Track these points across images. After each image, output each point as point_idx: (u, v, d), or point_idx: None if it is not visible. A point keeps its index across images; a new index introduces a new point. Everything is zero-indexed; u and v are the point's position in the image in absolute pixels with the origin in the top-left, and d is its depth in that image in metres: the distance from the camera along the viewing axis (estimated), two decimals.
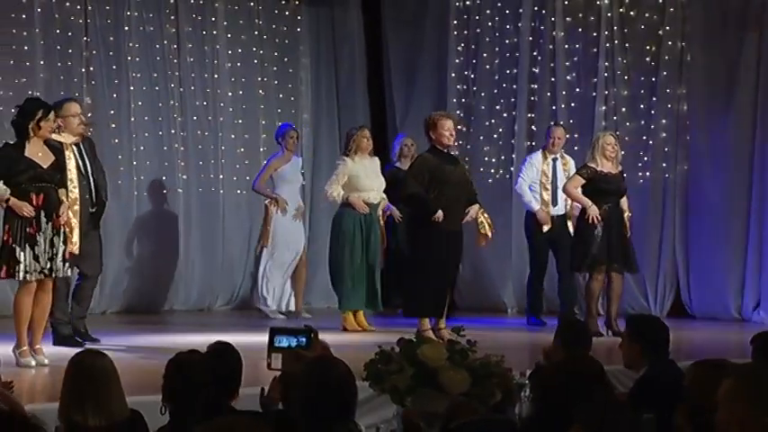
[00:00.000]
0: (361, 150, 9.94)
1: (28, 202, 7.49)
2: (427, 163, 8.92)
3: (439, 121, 8.90)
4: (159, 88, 11.67)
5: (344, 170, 9.87)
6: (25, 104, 7.82)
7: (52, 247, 7.54)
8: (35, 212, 7.49)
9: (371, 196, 9.92)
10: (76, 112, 8.62)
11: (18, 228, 7.47)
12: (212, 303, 11.92)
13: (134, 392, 5.01)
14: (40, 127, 7.61)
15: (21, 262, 7.44)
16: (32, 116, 7.61)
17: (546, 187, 10.44)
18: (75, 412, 4.28)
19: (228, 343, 4.94)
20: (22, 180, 7.55)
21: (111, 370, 4.45)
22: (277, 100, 12.36)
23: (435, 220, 8.71)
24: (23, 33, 10.93)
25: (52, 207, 7.58)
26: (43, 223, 7.53)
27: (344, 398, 3.89)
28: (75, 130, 8.56)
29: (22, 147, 7.62)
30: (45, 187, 7.59)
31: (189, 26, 11.82)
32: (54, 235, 7.55)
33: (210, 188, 11.94)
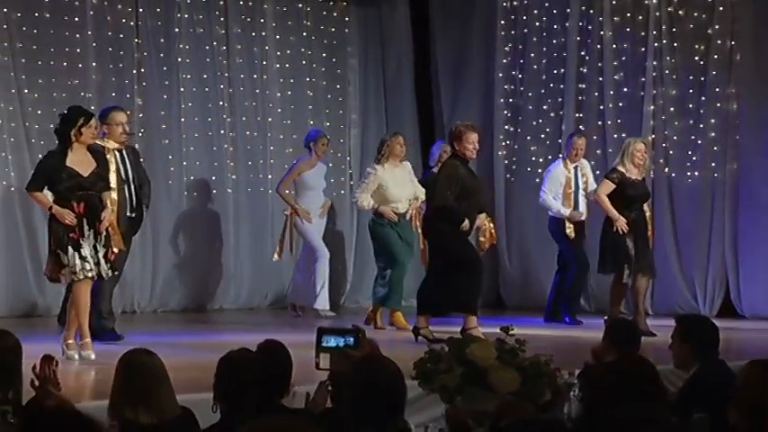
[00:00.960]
0: (393, 157, 9.95)
1: (69, 209, 7.64)
2: (458, 172, 8.93)
3: (464, 134, 8.89)
4: (209, 89, 11.76)
5: (374, 179, 9.92)
6: (67, 112, 7.94)
7: (96, 252, 7.67)
8: (77, 220, 7.63)
9: (400, 206, 9.97)
10: (121, 121, 8.77)
11: (62, 234, 7.63)
12: (261, 302, 11.99)
13: (185, 390, 5.06)
14: (81, 133, 7.74)
15: (66, 265, 7.59)
16: (74, 123, 7.74)
17: (569, 195, 10.46)
18: (127, 410, 4.33)
19: (279, 341, 4.97)
20: (63, 189, 7.70)
21: (161, 368, 4.50)
22: (325, 100, 12.41)
23: (463, 229, 8.80)
24: (76, 35, 11.08)
25: (94, 213, 7.73)
26: (86, 230, 7.67)
27: (394, 397, 3.91)
28: (117, 138, 8.74)
29: (63, 155, 7.75)
30: (86, 195, 7.73)
31: (238, 27, 11.90)
32: (96, 240, 7.68)
33: (259, 188, 12.01)
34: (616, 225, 9.61)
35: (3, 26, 10.74)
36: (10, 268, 10.75)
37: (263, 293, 12.00)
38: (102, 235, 7.73)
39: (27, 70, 10.85)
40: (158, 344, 8.09)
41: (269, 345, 4.93)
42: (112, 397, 4.42)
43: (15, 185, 10.76)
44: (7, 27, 10.77)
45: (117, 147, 8.73)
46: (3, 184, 10.79)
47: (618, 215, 9.62)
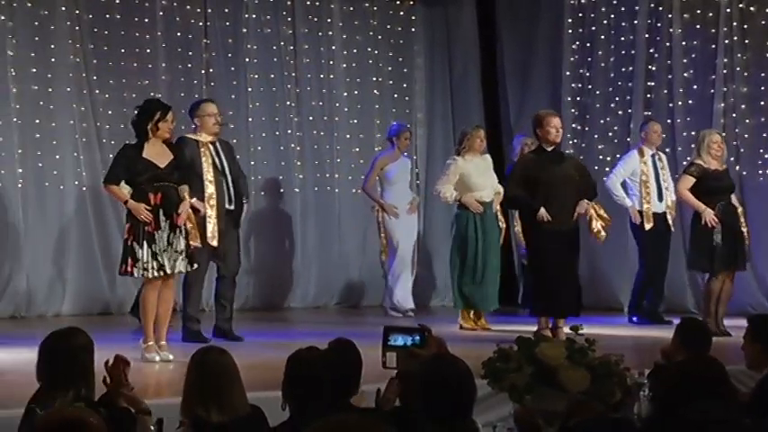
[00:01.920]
0: (473, 150, 9.92)
1: (146, 202, 7.67)
2: (526, 164, 8.87)
3: (545, 118, 8.85)
4: (276, 89, 11.83)
5: (455, 169, 9.85)
6: (144, 105, 7.99)
7: (170, 245, 7.70)
8: (154, 211, 7.66)
9: (485, 194, 9.88)
10: (212, 111, 8.78)
11: (138, 226, 7.65)
12: (329, 301, 12.03)
13: (255, 389, 5.09)
14: (158, 127, 7.77)
15: (139, 260, 7.62)
16: (151, 117, 7.78)
17: (647, 185, 10.29)
18: (199, 408, 4.36)
19: (348, 340, 4.96)
20: (140, 180, 7.73)
21: (233, 366, 4.52)
22: (392, 100, 12.42)
23: (540, 218, 8.66)
24: (146, 36, 11.20)
25: (171, 205, 7.73)
26: (162, 221, 7.69)
27: (464, 396, 3.90)
28: (210, 130, 8.74)
29: (140, 147, 7.80)
30: (163, 186, 7.74)
31: (305, 28, 11.95)
32: (171, 232, 7.71)
33: (326, 187, 12.05)
34: (704, 217, 9.42)
35: (75, 27, 10.90)
36: (83, 267, 10.89)
37: (330, 292, 12.04)
38: (180, 228, 7.75)
39: (98, 71, 11.00)
40: (228, 342, 8.26)
41: (338, 343, 4.93)
42: (185, 395, 4.44)
43: (87, 185, 10.91)
44: (79, 28, 10.92)
45: (210, 140, 8.75)
46: (75, 183, 10.93)
47: (704, 207, 9.44)
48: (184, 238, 7.77)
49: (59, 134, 10.86)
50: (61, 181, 10.89)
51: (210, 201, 8.60)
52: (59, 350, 4.64)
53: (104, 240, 10.97)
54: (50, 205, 10.85)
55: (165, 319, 7.83)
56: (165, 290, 7.77)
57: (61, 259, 10.86)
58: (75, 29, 10.91)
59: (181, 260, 7.74)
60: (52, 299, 10.79)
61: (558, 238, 8.69)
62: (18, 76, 10.68)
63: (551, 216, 8.63)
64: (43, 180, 10.82)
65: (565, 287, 8.75)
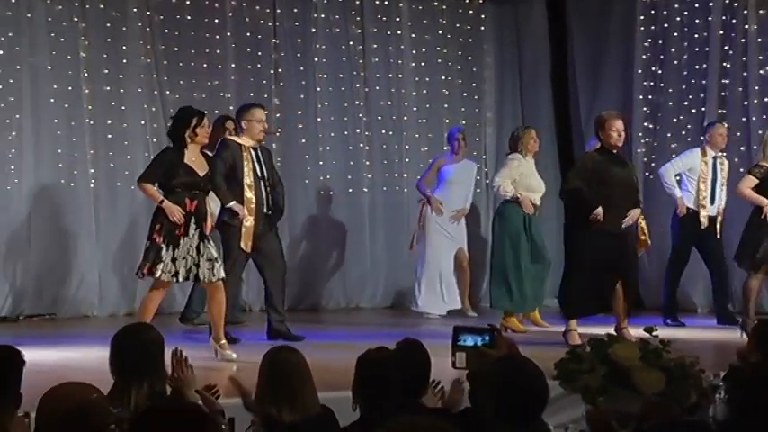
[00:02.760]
0: (529, 151, 9.82)
1: (182, 207, 7.73)
2: (591, 161, 8.75)
3: (608, 121, 8.71)
4: (345, 89, 11.83)
5: (518, 165, 9.73)
6: (178, 113, 8.02)
7: (198, 253, 7.73)
8: (186, 217, 7.71)
9: (537, 198, 9.82)
10: (261, 118, 8.76)
11: (167, 228, 7.70)
12: (398, 301, 11.99)
13: (325, 389, 5.07)
14: (196, 134, 7.82)
15: (162, 261, 7.66)
16: (188, 124, 7.83)
17: (703, 184, 10.15)
18: (271, 407, 4.36)
19: (416, 340, 4.94)
20: (177, 185, 7.78)
21: (304, 366, 4.52)
22: (460, 99, 12.36)
23: (595, 217, 8.52)
24: (216, 37, 11.26)
25: (202, 215, 7.82)
26: (191, 229, 7.74)
27: (535, 397, 3.84)
28: (255, 135, 8.73)
29: (181, 153, 7.85)
30: (198, 195, 7.83)
31: (374, 27, 11.94)
32: (200, 241, 7.74)
33: (395, 187, 12.03)
34: (765, 210, 9.35)
35: (146, 29, 10.98)
36: None
37: (399, 292, 11.99)
38: (209, 237, 7.83)
39: (168, 72, 11.07)
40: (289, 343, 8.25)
41: (407, 343, 4.91)
42: (257, 394, 4.45)
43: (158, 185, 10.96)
44: (150, 29, 11.00)
45: (253, 145, 8.78)
46: None
47: (766, 201, 9.36)
48: (213, 250, 7.83)
49: (131, 135, 10.94)
50: (132, 181, 10.92)
51: (250, 205, 8.60)
52: (132, 344, 4.68)
53: None
54: (121, 205, 10.94)
55: (220, 319, 7.88)
56: (217, 292, 7.82)
57: (132, 259, 10.91)
58: (147, 30, 10.99)
59: (217, 268, 7.78)
60: (123, 298, 10.88)
61: (604, 239, 8.53)
62: (90, 78, 10.78)
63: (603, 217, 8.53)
64: (115, 180, 10.91)
65: (600, 287, 8.61)
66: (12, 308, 10.46)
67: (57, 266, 10.65)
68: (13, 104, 10.49)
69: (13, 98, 10.49)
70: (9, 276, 10.46)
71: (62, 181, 10.72)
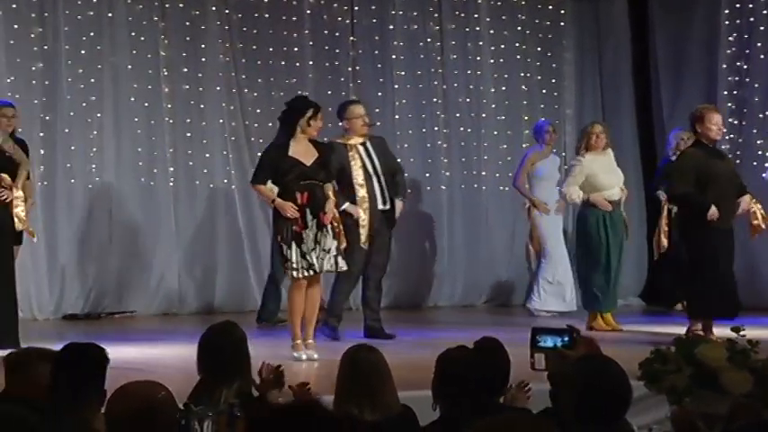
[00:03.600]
0: (593, 148, 9.65)
1: (293, 201, 7.64)
2: (692, 160, 8.54)
3: (706, 115, 8.53)
4: (423, 86, 11.77)
5: (581, 170, 9.56)
6: (295, 102, 7.99)
7: (318, 244, 7.66)
8: (301, 210, 7.63)
9: (613, 193, 9.63)
10: (360, 113, 8.77)
11: (285, 227, 7.64)
12: (476, 300, 11.91)
13: (404, 388, 5.02)
14: (310, 125, 7.76)
15: (289, 260, 7.60)
16: (303, 113, 7.77)
17: None
18: (351, 406, 4.33)
19: (496, 339, 4.88)
20: (287, 179, 7.72)
21: (384, 365, 4.49)
22: (540, 96, 12.23)
23: (711, 217, 8.33)
24: (293, 35, 11.27)
25: (317, 204, 7.70)
26: (309, 220, 7.66)
27: (619, 397, 3.77)
28: (359, 131, 8.73)
29: (285, 146, 7.79)
30: (309, 185, 7.71)
31: (452, 24, 11.86)
32: (318, 231, 7.67)
33: (473, 185, 11.94)
34: None
35: (225, 27, 11.03)
36: (232, 265, 11.01)
37: (477, 291, 11.91)
38: (327, 227, 7.72)
39: (247, 70, 11.11)
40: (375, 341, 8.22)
41: (486, 342, 4.85)
42: (337, 393, 4.42)
43: (236, 184, 11.03)
44: (228, 28, 11.05)
45: (360, 141, 8.74)
46: (224, 182, 11.06)
47: None
48: (333, 237, 7.73)
49: (209, 133, 11.00)
50: (211, 179, 11.04)
51: (363, 204, 8.60)
52: (222, 343, 4.69)
53: (252, 238, 11.07)
54: (200, 203, 11.00)
55: (312, 317, 7.82)
56: (311, 289, 7.76)
57: (211, 257, 11.00)
58: (225, 28, 11.04)
59: (329, 259, 7.70)
60: (203, 296, 10.93)
61: (720, 237, 8.40)
62: (170, 76, 10.86)
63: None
64: (194, 178, 10.97)
65: (726, 287, 8.45)
66: (93, 305, 10.56)
67: (137, 264, 10.74)
68: (94, 103, 10.60)
69: (94, 97, 10.60)
70: (91, 274, 10.57)
71: (142, 179, 10.80)
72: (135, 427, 3.29)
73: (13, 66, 10.26)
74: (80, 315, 10.32)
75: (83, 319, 10.26)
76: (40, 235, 9.81)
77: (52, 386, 4.04)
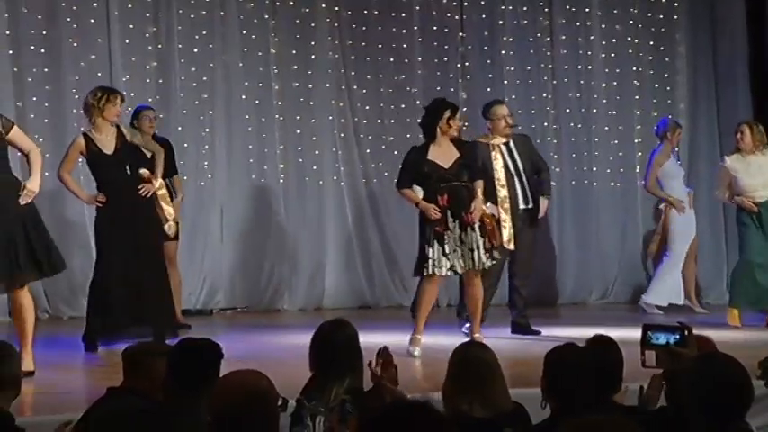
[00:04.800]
0: (741, 149, 9.46)
1: (435, 203, 7.66)
2: None
3: None
4: (532, 81, 11.68)
5: (723, 173, 9.53)
6: (432, 105, 7.96)
7: (463, 244, 7.66)
8: (442, 212, 7.65)
9: (757, 195, 9.44)
10: (503, 114, 8.76)
11: (428, 228, 7.67)
12: (586, 297, 11.79)
13: (515, 385, 4.99)
14: (449, 126, 7.75)
15: (429, 258, 7.61)
16: (440, 116, 7.77)
17: None
18: (461, 402, 4.31)
19: (608, 336, 4.82)
20: (427, 182, 7.74)
21: (495, 362, 4.45)
22: (652, 90, 12.05)
23: None
24: (402, 31, 11.28)
25: (459, 205, 7.69)
26: (450, 222, 7.67)
27: (739, 396, 3.69)
28: (501, 132, 8.73)
29: (425, 149, 7.82)
30: (450, 186, 7.70)
31: (563, 18, 11.75)
32: (462, 231, 7.66)
33: (584, 181, 11.82)
34: None
35: (334, 24, 11.09)
36: (342, 262, 11.06)
37: (588, 288, 11.79)
38: (471, 226, 7.70)
39: (356, 67, 11.15)
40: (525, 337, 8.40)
41: (599, 340, 4.79)
42: (446, 390, 4.40)
43: (345, 181, 11.08)
44: (338, 25, 11.11)
45: (503, 141, 8.74)
46: (333, 179, 11.12)
47: None
48: (481, 235, 7.72)
49: (319, 130, 11.06)
50: (320, 176, 11.10)
51: (504, 204, 8.59)
52: (335, 340, 4.71)
53: (362, 235, 11.11)
54: (310, 200, 11.07)
55: (478, 312, 7.86)
56: (472, 288, 7.80)
57: (321, 254, 11.07)
58: (335, 26, 11.09)
59: (479, 255, 7.68)
60: (313, 292, 11.00)
61: None
62: (280, 74, 10.95)
63: None
64: (303, 175, 11.05)
65: None
66: (205, 301, 10.71)
67: (248, 261, 10.86)
68: (206, 101, 10.74)
69: (206, 95, 10.74)
70: (203, 271, 10.71)
71: (253, 176, 10.91)
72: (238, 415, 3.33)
73: (128, 65, 10.44)
74: (192, 311, 10.46)
75: (195, 314, 10.41)
76: None
77: (168, 381, 4.09)
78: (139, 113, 9.22)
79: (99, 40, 10.35)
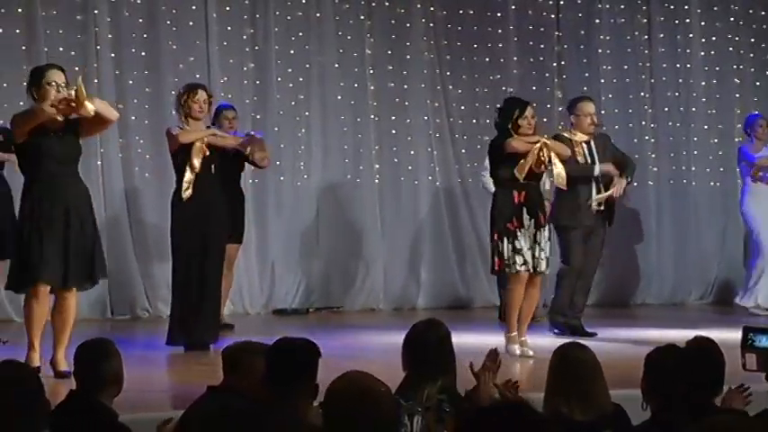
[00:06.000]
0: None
1: (510, 200, 7.63)
2: None
3: None
4: (630, 80, 11.56)
5: None
6: (502, 105, 7.95)
7: (536, 243, 7.62)
8: (517, 209, 7.60)
9: None
10: (589, 111, 8.70)
11: (500, 223, 7.65)
12: (685, 297, 11.62)
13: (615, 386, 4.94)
14: (519, 125, 7.71)
15: (503, 257, 7.61)
16: (510, 115, 7.73)
17: None
18: (562, 404, 4.28)
19: (709, 338, 4.74)
20: (505, 177, 7.69)
21: (595, 363, 4.42)
22: (753, 88, 11.83)
23: None
24: (498, 31, 11.25)
25: (534, 204, 7.65)
26: (525, 220, 7.62)
27: None
28: (585, 129, 8.67)
29: (501, 147, 7.78)
30: (528, 185, 7.66)
31: (661, 16, 11.61)
32: (537, 231, 7.62)
33: (682, 180, 11.66)
34: None
35: (429, 24, 11.09)
36: (437, 262, 11.05)
37: (686, 289, 11.63)
38: (546, 226, 7.67)
39: (451, 66, 11.14)
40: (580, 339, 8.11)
41: (699, 342, 4.72)
42: (547, 391, 4.38)
43: (440, 180, 11.07)
44: (433, 25, 11.10)
45: (585, 139, 8.68)
46: (429, 179, 11.12)
47: None
48: (548, 240, 7.69)
49: (414, 130, 11.07)
50: (416, 176, 11.10)
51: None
52: (427, 340, 4.71)
53: (457, 236, 11.09)
54: (405, 201, 11.08)
55: (528, 315, 7.82)
56: (532, 289, 7.75)
57: (416, 254, 11.07)
58: (430, 26, 11.09)
59: (542, 260, 7.66)
60: (407, 292, 11.01)
61: None
62: (375, 74, 10.98)
63: None
64: (398, 176, 11.07)
65: None
66: (302, 301, 10.77)
67: (344, 260, 10.90)
68: (302, 102, 10.81)
69: (302, 96, 10.81)
70: (299, 270, 10.78)
71: (348, 176, 10.96)
72: (356, 415, 3.31)
73: (226, 66, 10.56)
74: (289, 310, 10.54)
75: (291, 314, 10.48)
76: (251, 232, 10.09)
77: (266, 380, 4.13)
78: (219, 112, 9.30)
79: (197, 43, 10.48)
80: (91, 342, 4.54)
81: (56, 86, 6.58)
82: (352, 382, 3.42)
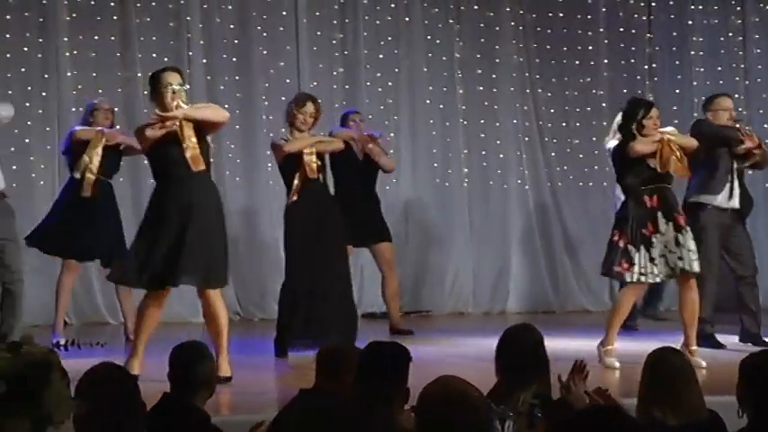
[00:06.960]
0: None
1: (642, 205, 7.36)
2: None
3: None
4: (723, 82, 11.38)
5: None
6: (627, 106, 7.64)
7: (679, 246, 7.35)
8: (652, 213, 7.37)
9: None
10: (727, 106, 8.42)
11: (634, 228, 7.36)
12: None
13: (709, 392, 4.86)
14: (643, 125, 7.50)
15: (635, 264, 7.32)
16: (633, 117, 7.53)
17: None
18: (654, 409, 4.23)
19: None
20: (635, 182, 7.42)
21: (689, 368, 4.36)
22: None
23: None
24: (588, 33, 11.16)
25: (670, 207, 7.39)
26: (662, 224, 7.36)
27: None
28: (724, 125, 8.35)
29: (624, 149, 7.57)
30: (659, 188, 7.40)
31: (756, 17, 11.43)
32: (678, 233, 7.35)
33: None
34: None
35: (518, 27, 11.04)
36: (527, 265, 10.99)
37: None
38: (686, 227, 7.41)
39: (541, 70, 11.08)
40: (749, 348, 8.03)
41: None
42: (640, 397, 4.33)
43: (529, 184, 11.02)
44: (523, 28, 11.06)
45: None
46: (518, 182, 11.07)
47: None
48: (692, 239, 7.39)
49: (503, 133, 11.03)
50: (505, 180, 11.06)
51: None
52: (520, 346, 4.68)
53: (546, 239, 11.02)
54: (494, 204, 11.04)
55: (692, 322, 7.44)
56: (689, 292, 7.41)
57: (505, 257, 11.02)
58: (519, 29, 11.05)
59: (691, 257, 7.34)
60: (497, 296, 10.97)
61: None
62: (464, 78, 10.96)
63: None
64: (487, 179, 11.03)
65: None
66: None
67: (433, 264, 10.89)
68: (391, 106, 10.84)
69: (391, 100, 10.84)
70: None
71: (437, 180, 10.95)
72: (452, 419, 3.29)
73: (316, 71, 10.62)
74: (378, 314, 10.56)
75: (380, 317, 10.49)
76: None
77: (357, 383, 4.14)
78: (346, 117, 9.31)
79: (288, 48, 10.56)
80: (184, 345, 4.58)
81: (171, 89, 6.67)
82: (447, 386, 3.40)
